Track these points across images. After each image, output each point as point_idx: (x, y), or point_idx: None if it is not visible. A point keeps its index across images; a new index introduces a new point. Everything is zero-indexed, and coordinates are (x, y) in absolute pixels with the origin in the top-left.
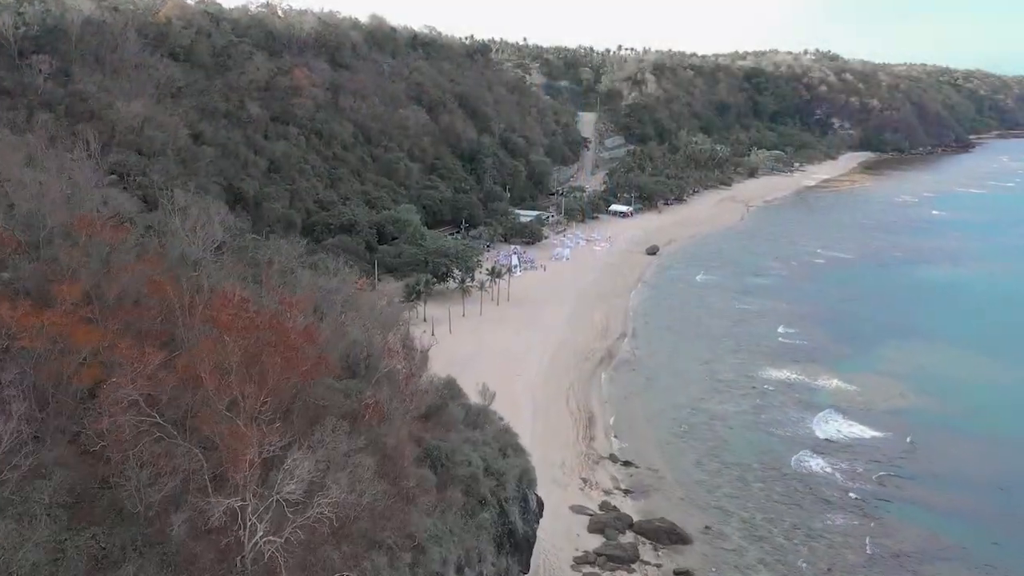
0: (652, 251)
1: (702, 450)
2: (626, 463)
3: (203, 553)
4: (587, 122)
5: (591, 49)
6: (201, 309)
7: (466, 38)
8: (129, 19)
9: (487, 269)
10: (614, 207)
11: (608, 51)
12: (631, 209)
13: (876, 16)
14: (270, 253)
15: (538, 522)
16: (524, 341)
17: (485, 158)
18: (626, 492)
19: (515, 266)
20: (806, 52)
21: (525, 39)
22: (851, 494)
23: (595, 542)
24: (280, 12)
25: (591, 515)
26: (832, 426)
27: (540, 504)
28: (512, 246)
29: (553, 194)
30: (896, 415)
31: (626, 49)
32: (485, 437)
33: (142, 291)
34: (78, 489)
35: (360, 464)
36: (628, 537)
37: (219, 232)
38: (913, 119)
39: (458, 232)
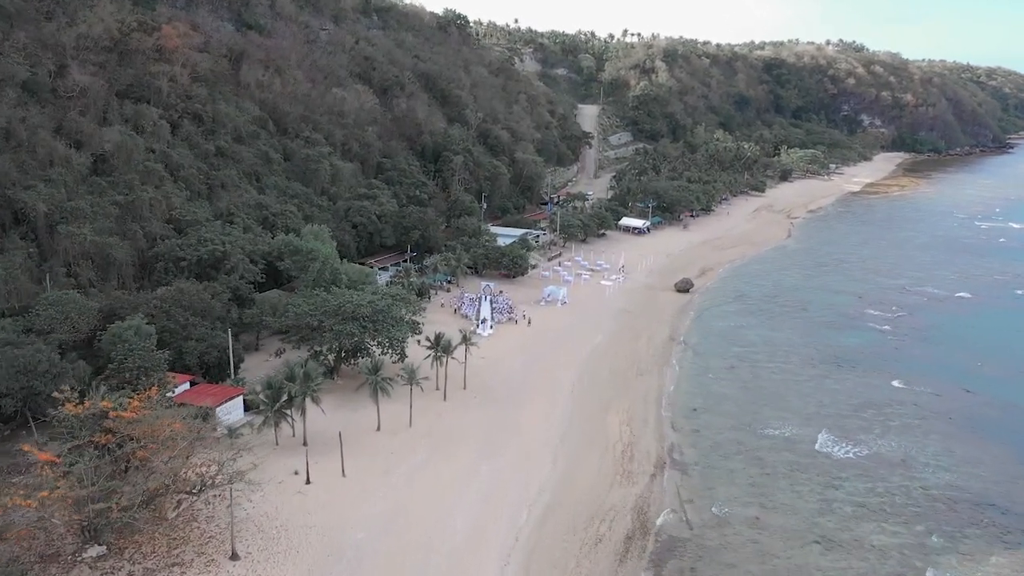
0: (684, 287)
1: None
2: None
3: None
4: (588, 115)
5: (592, 34)
6: None
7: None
8: None
9: (427, 340)
10: (626, 221)
11: (612, 37)
12: (648, 224)
13: (866, 18)
14: None
15: None
16: (478, 498)
17: (454, 156)
18: None
19: (482, 321)
20: (828, 43)
21: (516, 21)
22: None
23: None
24: None
25: None
26: None
27: None
28: (484, 283)
29: (546, 203)
30: None
31: (632, 35)
32: None
33: None
34: None
35: None
36: None
37: None
38: (950, 117)
39: (405, 262)
